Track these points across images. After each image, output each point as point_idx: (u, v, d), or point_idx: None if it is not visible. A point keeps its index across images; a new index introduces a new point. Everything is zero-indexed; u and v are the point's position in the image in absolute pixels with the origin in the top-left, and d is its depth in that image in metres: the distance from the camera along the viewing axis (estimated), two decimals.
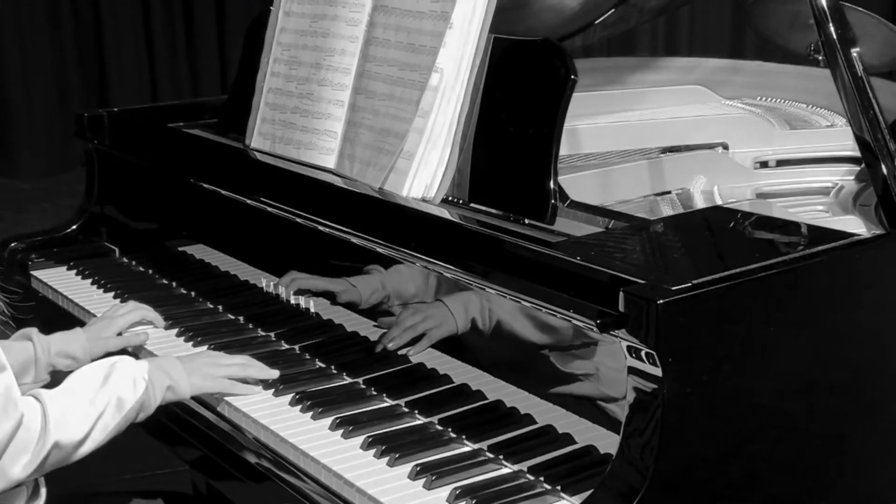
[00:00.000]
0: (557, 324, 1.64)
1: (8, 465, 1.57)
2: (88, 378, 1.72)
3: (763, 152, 2.56)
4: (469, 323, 1.81)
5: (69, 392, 1.69)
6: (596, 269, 1.55)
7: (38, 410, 1.61)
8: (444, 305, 1.84)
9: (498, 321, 1.75)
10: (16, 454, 1.57)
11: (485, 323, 1.78)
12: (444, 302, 1.84)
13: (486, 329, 1.78)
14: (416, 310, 1.90)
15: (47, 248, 2.69)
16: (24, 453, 1.58)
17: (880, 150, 1.88)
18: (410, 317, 1.90)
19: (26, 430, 1.58)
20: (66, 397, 1.67)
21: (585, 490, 1.53)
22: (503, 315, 1.74)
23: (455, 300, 1.82)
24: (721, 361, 1.51)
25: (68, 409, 1.65)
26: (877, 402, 1.75)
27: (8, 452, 1.56)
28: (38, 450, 1.59)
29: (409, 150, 2.01)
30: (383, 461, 1.68)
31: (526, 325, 1.70)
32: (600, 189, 2.23)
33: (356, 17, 2.18)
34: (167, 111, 2.79)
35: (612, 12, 2.64)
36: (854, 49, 1.92)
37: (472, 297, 1.79)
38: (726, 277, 1.51)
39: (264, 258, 2.26)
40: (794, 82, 2.81)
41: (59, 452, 1.63)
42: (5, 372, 1.56)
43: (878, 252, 1.76)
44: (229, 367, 1.92)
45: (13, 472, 1.57)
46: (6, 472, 1.57)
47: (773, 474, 1.60)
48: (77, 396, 1.69)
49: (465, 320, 1.82)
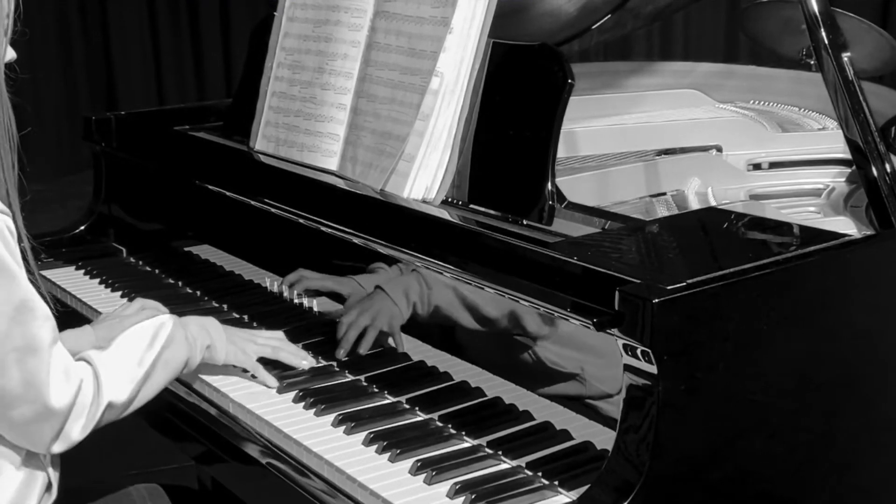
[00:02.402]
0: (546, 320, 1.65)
1: (69, 428, 1.62)
2: (136, 339, 1.77)
3: (756, 155, 2.57)
4: (411, 307, 1.86)
5: (118, 353, 1.74)
6: (593, 269, 1.56)
7: (91, 374, 1.67)
8: (384, 293, 1.88)
9: (436, 306, 1.81)
10: (75, 417, 1.63)
11: (423, 307, 1.83)
12: (384, 288, 1.88)
13: (426, 308, 1.83)
14: (362, 309, 1.94)
15: (56, 248, 2.69)
16: (81, 416, 1.63)
17: (871, 153, 1.89)
18: (360, 317, 1.95)
19: (83, 394, 1.63)
20: (116, 359, 1.72)
21: (582, 485, 1.54)
22: (440, 298, 1.79)
23: (393, 285, 1.86)
24: (715, 359, 1.51)
25: (118, 371, 1.70)
26: (868, 400, 1.75)
27: (70, 416, 1.62)
28: (94, 412, 1.65)
29: (410, 153, 2.01)
30: (385, 457, 1.69)
31: (467, 306, 1.74)
32: (597, 190, 2.23)
33: (358, 23, 2.18)
34: (173, 114, 2.80)
35: (609, 18, 2.64)
36: (845, 54, 1.92)
37: (411, 281, 1.83)
38: (720, 277, 1.52)
39: (268, 258, 2.26)
40: (787, 86, 2.82)
41: (112, 412, 1.69)
42: (58, 343, 1.61)
43: (868, 252, 1.76)
44: (263, 346, 1.96)
45: (73, 434, 1.63)
46: (69, 434, 1.63)
47: (766, 470, 1.60)
48: (126, 358, 1.74)
49: (406, 303, 1.86)
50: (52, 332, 1.60)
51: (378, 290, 1.92)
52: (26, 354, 1.56)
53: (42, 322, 1.58)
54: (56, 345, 1.61)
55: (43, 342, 1.57)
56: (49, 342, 1.59)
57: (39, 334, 1.57)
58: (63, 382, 1.60)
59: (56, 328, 1.61)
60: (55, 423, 1.61)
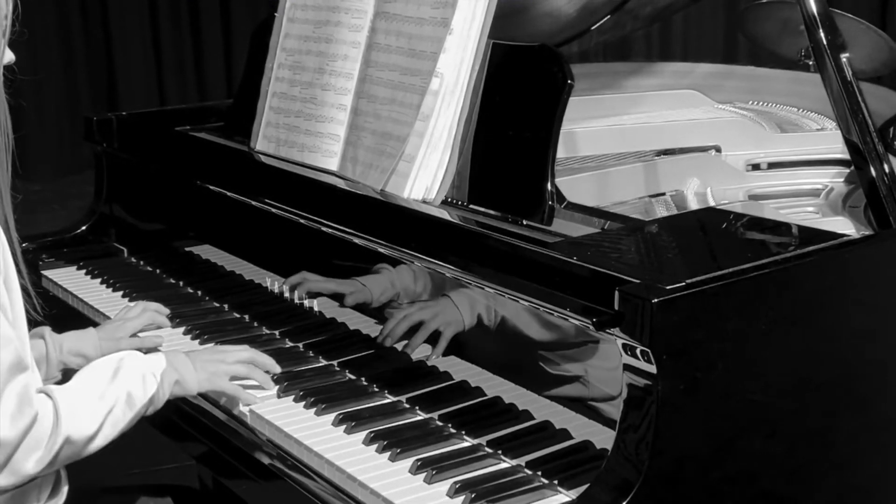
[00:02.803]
0: (558, 323, 1.64)
1: (21, 460, 1.56)
2: (98, 373, 1.72)
3: (755, 155, 2.57)
4: (475, 319, 1.80)
5: (79, 387, 1.68)
6: (592, 269, 1.56)
7: (50, 406, 1.60)
8: (451, 301, 1.83)
9: (503, 318, 1.75)
10: (28, 450, 1.56)
11: (490, 320, 1.77)
12: (451, 297, 1.83)
13: (492, 326, 1.77)
14: (424, 306, 1.89)
15: (58, 248, 2.68)
16: (36, 449, 1.57)
17: (869, 153, 1.89)
18: (418, 313, 1.90)
19: (39, 425, 1.57)
20: (77, 393, 1.67)
21: (582, 484, 1.54)
22: (507, 313, 1.74)
23: (461, 296, 1.81)
24: (714, 358, 1.51)
25: (79, 405, 1.64)
26: (866, 399, 1.75)
27: (21, 448, 1.55)
28: (51, 445, 1.58)
29: (410, 153, 2.02)
30: (385, 456, 1.69)
31: (528, 324, 1.70)
32: (596, 191, 2.24)
33: (358, 24, 2.19)
34: (174, 115, 2.80)
35: (608, 19, 2.64)
36: (844, 54, 1.92)
37: (478, 294, 1.79)
38: (719, 277, 1.52)
39: (269, 258, 2.26)
40: (786, 87, 2.82)
41: (70, 447, 1.62)
42: (26, 372, 1.55)
43: (867, 252, 1.76)
44: (233, 364, 1.90)
45: (26, 467, 1.57)
46: (20, 467, 1.56)
47: (764, 469, 1.60)
48: (87, 392, 1.68)
49: (471, 316, 1.81)
50: (12, 358, 1.53)
51: (445, 296, 1.86)
52: None
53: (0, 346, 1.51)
54: (16, 372, 1.54)
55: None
56: (4, 369, 1.52)
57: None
58: (14, 413, 1.53)
59: (20, 353, 1.55)
60: (1, 455, 1.54)
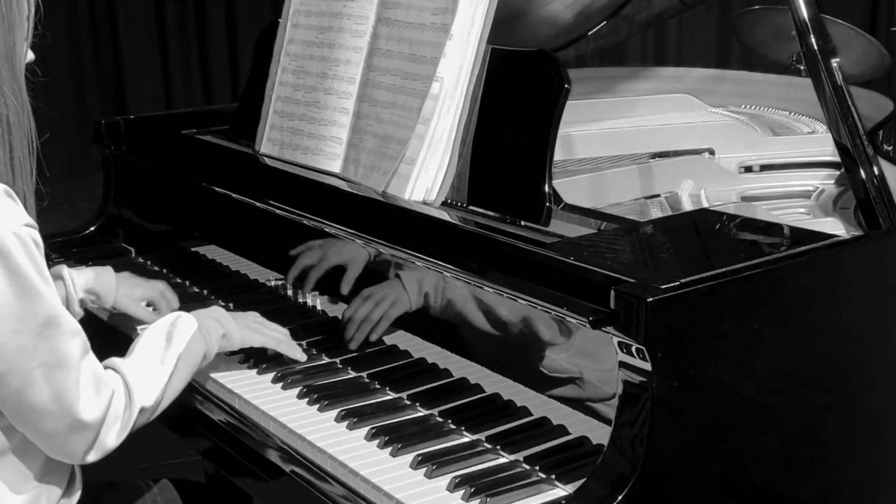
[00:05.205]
0: (555, 322, 1.65)
1: (105, 436, 1.63)
2: (154, 341, 1.79)
3: (747, 157, 2.58)
4: (422, 299, 1.87)
5: (140, 358, 1.75)
6: (589, 269, 1.57)
7: (121, 381, 1.68)
8: (400, 282, 1.90)
9: (449, 300, 1.81)
10: (109, 426, 1.63)
11: (436, 300, 1.84)
12: (401, 278, 1.89)
13: (438, 306, 1.83)
14: (369, 295, 1.96)
15: (67, 248, 2.69)
16: (115, 424, 1.64)
17: (859, 156, 1.89)
18: (363, 306, 1.97)
19: (116, 402, 1.64)
20: (140, 363, 1.74)
21: (578, 479, 1.55)
22: (455, 295, 1.79)
23: (410, 276, 1.87)
24: (708, 357, 1.53)
25: (144, 374, 1.72)
26: (857, 396, 1.77)
27: (104, 426, 1.63)
28: (128, 417, 1.66)
29: (411, 156, 2.02)
30: (386, 451, 1.70)
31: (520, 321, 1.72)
32: (593, 192, 2.25)
33: (360, 29, 2.20)
34: (180, 118, 2.82)
35: (604, 24, 2.66)
36: (834, 59, 1.92)
37: (429, 275, 1.83)
38: (713, 276, 1.53)
39: (273, 258, 2.27)
40: (778, 91, 2.83)
41: (144, 415, 1.70)
42: (88, 355, 1.62)
43: (857, 252, 1.77)
44: (268, 337, 1.98)
45: (109, 442, 1.64)
46: (104, 443, 1.64)
47: (758, 464, 1.62)
48: (148, 360, 1.75)
49: (418, 296, 1.87)
50: (81, 345, 1.59)
51: (395, 277, 1.92)
52: (54, 370, 1.54)
53: (69, 337, 1.57)
54: (86, 358, 1.60)
55: (71, 357, 1.57)
56: (78, 356, 1.58)
57: (67, 349, 1.56)
58: (93, 395, 1.60)
59: (86, 341, 1.61)
60: (88, 435, 1.62)
